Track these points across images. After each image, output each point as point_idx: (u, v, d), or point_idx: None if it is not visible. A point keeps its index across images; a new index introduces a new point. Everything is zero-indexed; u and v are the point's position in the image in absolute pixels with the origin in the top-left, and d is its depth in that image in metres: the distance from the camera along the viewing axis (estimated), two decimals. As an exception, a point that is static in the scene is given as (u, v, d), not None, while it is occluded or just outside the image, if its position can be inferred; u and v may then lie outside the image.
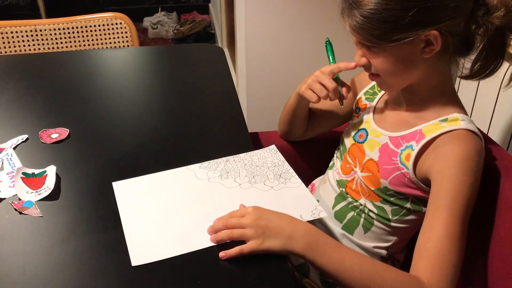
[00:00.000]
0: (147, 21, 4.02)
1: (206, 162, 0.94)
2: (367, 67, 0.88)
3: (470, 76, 0.86)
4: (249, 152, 0.97)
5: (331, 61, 1.01)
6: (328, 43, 1.02)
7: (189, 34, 3.72)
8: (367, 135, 0.96)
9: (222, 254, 0.72)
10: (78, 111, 1.13)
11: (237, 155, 0.96)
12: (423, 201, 0.88)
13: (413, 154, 0.85)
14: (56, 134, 1.02)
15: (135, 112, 1.13)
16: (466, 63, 0.86)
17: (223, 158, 0.95)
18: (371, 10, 0.78)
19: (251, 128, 2.23)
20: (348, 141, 1.00)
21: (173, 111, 1.14)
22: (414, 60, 0.82)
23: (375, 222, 0.94)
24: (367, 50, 0.85)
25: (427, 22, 0.77)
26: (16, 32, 1.53)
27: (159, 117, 1.12)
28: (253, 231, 0.73)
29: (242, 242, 0.74)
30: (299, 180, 0.90)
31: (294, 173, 0.92)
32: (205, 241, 0.76)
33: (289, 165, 0.94)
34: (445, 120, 0.85)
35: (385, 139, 0.92)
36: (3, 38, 1.52)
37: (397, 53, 0.81)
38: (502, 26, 0.78)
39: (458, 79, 1.41)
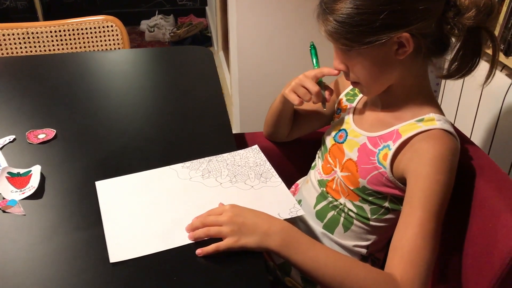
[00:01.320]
0: (144, 24, 4.05)
1: (189, 162, 0.96)
2: (346, 74, 0.90)
3: (448, 75, 0.87)
4: (232, 152, 0.99)
5: (315, 65, 1.03)
6: (313, 47, 1.04)
7: (186, 37, 3.75)
8: (346, 136, 0.97)
9: (198, 251, 0.74)
10: (66, 112, 1.15)
11: (220, 155, 0.98)
12: (401, 200, 0.89)
13: (390, 154, 0.87)
14: (43, 134, 1.04)
15: (122, 113, 1.15)
16: (445, 63, 0.88)
17: (206, 158, 0.97)
18: (343, 15, 0.80)
19: (243, 129, 2.25)
20: (329, 142, 1.02)
21: (159, 112, 1.16)
22: (389, 62, 0.84)
23: (355, 221, 0.95)
24: (344, 54, 0.87)
25: (398, 24, 0.79)
26: (9, 34, 1.55)
27: (145, 118, 1.13)
28: (230, 228, 0.75)
29: (220, 239, 0.75)
30: (279, 180, 0.92)
31: (274, 173, 0.94)
32: (184, 239, 0.77)
33: (270, 165, 0.96)
34: (421, 120, 0.87)
35: (363, 139, 0.93)
36: (-4, 40, 1.54)
37: (372, 55, 0.83)
38: (474, 27, 0.80)
39: (443, 79, 1.43)
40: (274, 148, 1.20)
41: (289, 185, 1.12)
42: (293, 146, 1.21)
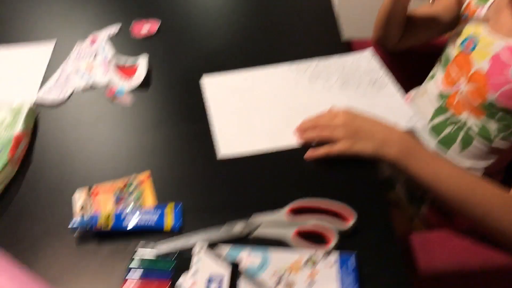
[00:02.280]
0: None
1: (296, 63, 0.89)
2: None
3: None
4: (342, 55, 0.91)
5: None
6: None
7: None
8: (475, 44, 0.86)
9: (309, 153, 0.70)
10: (171, 2, 1.10)
11: (329, 58, 0.90)
12: (535, 120, 0.79)
13: (531, 66, 0.75)
14: (148, 25, 1.01)
15: (228, 8, 1.09)
16: None
17: (314, 61, 0.90)
18: None
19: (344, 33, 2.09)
20: (453, 50, 0.90)
21: (265, 8, 1.08)
22: None
23: (475, 140, 0.86)
24: None
25: None
26: None
27: (250, 14, 1.06)
28: (344, 131, 0.69)
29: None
30: (396, 88, 0.84)
31: (390, 80, 0.85)
32: (292, 139, 0.74)
33: (385, 71, 0.88)
34: None
35: (497, 47, 0.81)
36: None
37: None
38: None
39: None
40: (384, 57, 1.10)
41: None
42: (406, 56, 1.10)
